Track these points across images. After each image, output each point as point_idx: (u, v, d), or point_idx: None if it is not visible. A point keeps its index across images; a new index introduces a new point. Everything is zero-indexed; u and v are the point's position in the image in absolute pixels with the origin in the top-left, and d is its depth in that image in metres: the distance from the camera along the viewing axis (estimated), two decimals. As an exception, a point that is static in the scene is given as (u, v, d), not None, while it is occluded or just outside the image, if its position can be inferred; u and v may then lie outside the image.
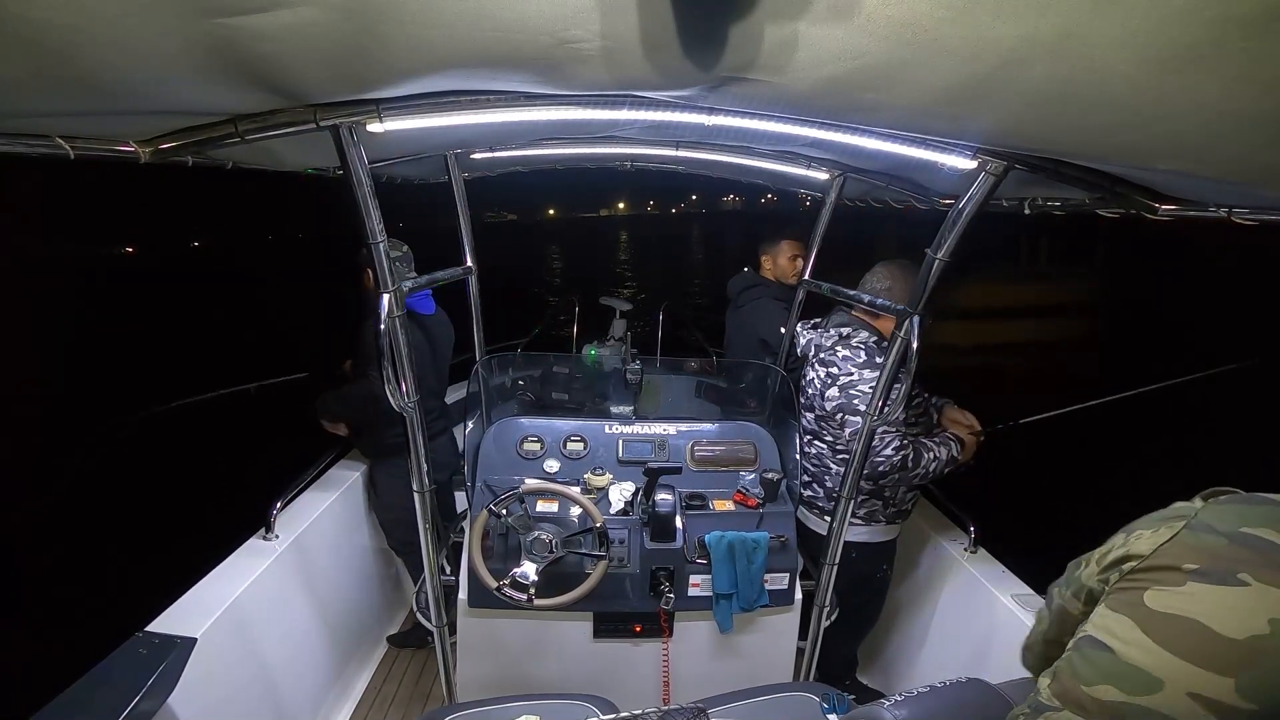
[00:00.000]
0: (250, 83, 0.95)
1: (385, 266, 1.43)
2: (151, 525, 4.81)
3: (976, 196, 1.37)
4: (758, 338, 2.74)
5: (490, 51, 0.86)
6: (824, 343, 2.12)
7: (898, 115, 1.10)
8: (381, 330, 1.42)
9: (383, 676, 2.57)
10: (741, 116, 1.24)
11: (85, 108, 0.97)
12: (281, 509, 2.25)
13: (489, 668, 1.98)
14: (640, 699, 1.37)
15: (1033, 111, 0.91)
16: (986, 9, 0.63)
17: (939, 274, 1.52)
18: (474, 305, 2.42)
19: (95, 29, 0.70)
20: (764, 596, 1.88)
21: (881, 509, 2.12)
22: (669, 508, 1.85)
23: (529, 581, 1.70)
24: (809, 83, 0.90)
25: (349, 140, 1.26)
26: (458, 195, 2.27)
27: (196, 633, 1.67)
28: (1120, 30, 0.63)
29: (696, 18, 0.74)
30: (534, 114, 1.22)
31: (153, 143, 1.23)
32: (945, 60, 0.76)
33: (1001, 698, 0.81)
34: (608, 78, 0.97)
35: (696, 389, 2.63)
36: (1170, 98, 0.74)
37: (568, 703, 1.41)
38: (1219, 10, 0.56)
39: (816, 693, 1.41)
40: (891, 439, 1.90)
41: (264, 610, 1.99)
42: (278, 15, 0.71)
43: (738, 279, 2.96)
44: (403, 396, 1.51)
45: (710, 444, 2.15)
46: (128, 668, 1.51)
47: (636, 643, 1.95)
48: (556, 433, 2.14)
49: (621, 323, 2.89)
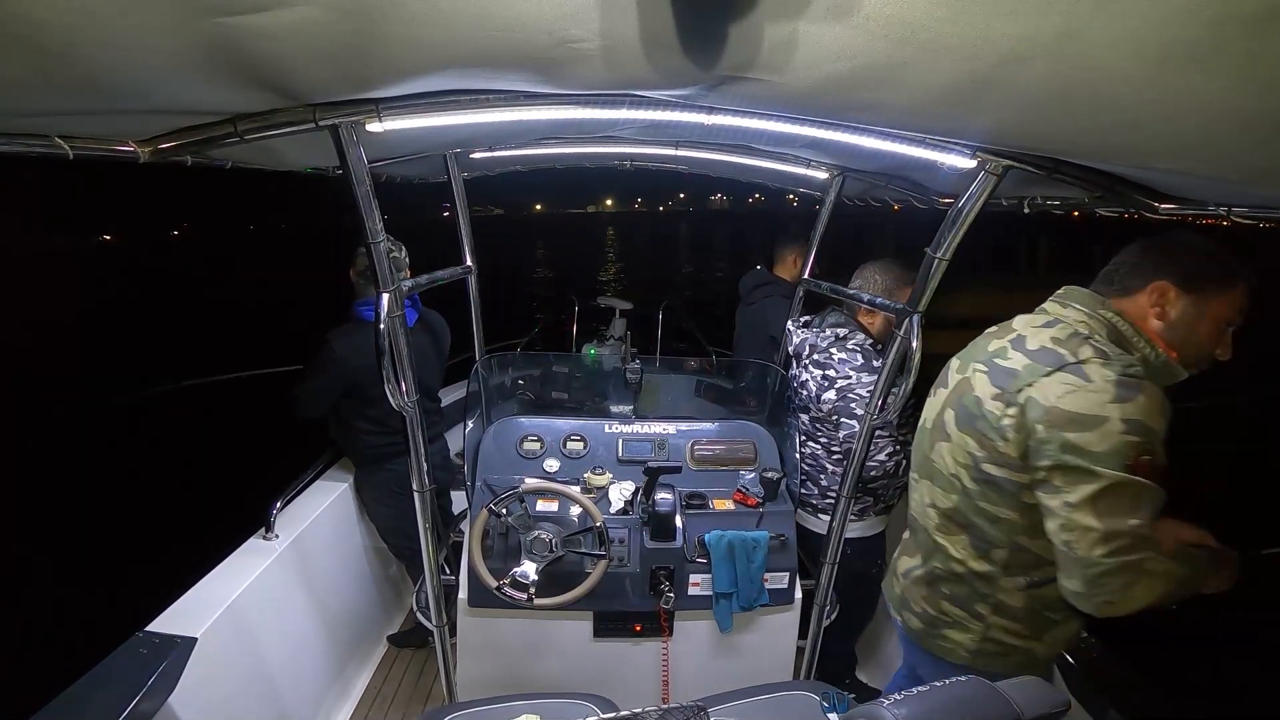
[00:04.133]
0: (250, 82, 0.95)
1: (385, 265, 1.43)
2: (151, 526, 4.81)
3: (976, 196, 1.37)
4: (768, 335, 2.74)
5: (490, 51, 0.86)
6: (819, 343, 2.11)
7: (897, 114, 1.10)
8: (381, 330, 1.42)
9: (383, 676, 2.57)
10: (741, 116, 1.24)
11: (84, 107, 0.97)
12: (281, 508, 2.25)
13: (489, 667, 1.98)
14: (640, 698, 1.37)
15: (1032, 111, 0.91)
16: (986, 8, 0.63)
17: (939, 274, 1.52)
18: (474, 305, 2.42)
19: (95, 28, 0.70)
20: (764, 595, 1.88)
21: (872, 504, 2.13)
22: (669, 507, 1.85)
23: (529, 581, 1.70)
24: (808, 82, 0.90)
25: (348, 140, 1.26)
26: (457, 195, 2.27)
27: (196, 632, 1.67)
28: (1120, 29, 0.62)
29: (696, 17, 0.74)
30: (533, 113, 1.22)
31: (152, 142, 1.22)
32: (945, 59, 0.75)
33: (1001, 696, 0.81)
34: (607, 77, 0.97)
35: (696, 388, 2.63)
36: (1170, 97, 0.74)
37: (568, 702, 1.41)
38: (1219, 10, 0.56)
39: (816, 691, 1.41)
40: (885, 444, 1.90)
41: (264, 610, 1.99)
42: (277, 14, 0.71)
43: (749, 277, 2.96)
44: (402, 396, 1.51)
45: (710, 443, 2.15)
46: (128, 667, 1.51)
47: (636, 642, 1.95)
48: (556, 432, 2.14)
49: (621, 322, 2.89)
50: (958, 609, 1.37)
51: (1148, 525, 1.05)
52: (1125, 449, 1.04)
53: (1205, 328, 1.19)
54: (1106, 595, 1.08)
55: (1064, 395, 1.11)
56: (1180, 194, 1.31)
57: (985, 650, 1.35)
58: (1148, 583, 1.06)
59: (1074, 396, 1.10)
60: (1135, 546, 1.05)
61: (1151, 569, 1.06)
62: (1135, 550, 1.05)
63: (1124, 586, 1.07)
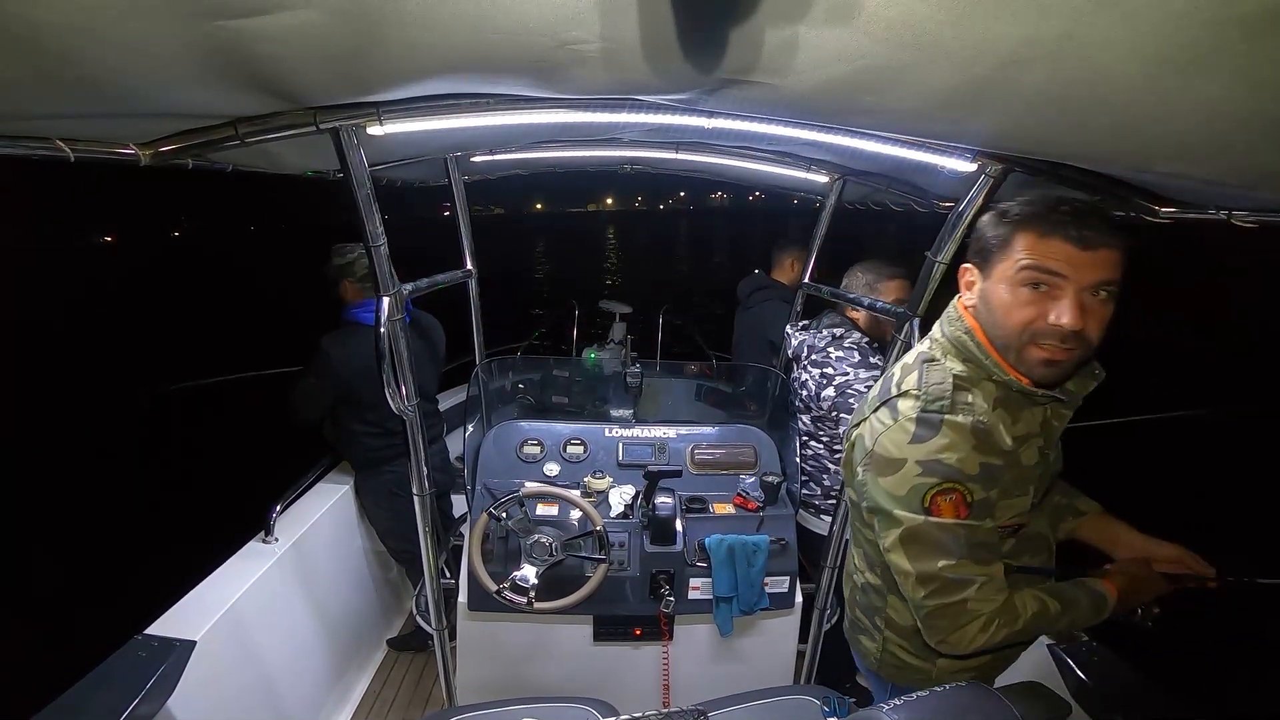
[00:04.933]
0: (250, 85, 0.95)
1: (385, 269, 1.43)
2: (150, 529, 4.80)
3: (976, 199, 1.37)
4: (765, 339, 2.75)
5: (490, 54, 0.86)
6: (817, 344, 2.13)
7: (897, 118, 1.10)
8: (381, 333, 1.42)
9: (382, 680, 2.56)
10: (741, 119, 1.25)
11: (85, 110, 0.97)
12: (281, 512, 2.25)
13: (489, 671, 1.97)
14: (640, 702, 1.37)
15: (1032, 114, 0.91)
16: (986, 11, 0.63)
17: (939, 277, 1.52)
18: (474, 308, 2.42)
19: (96, 31, 0.70)
20: (764, 600, 1.87)
21: None
22: (669, 511, 1.84)
23: (529, 585, 1.69)
24: (809, 85, 0.90)
25: (349, 143, 1.26)
26: (458, 198, 2.27)
27: (196, 636, 1.66)
28: (1120, 33, 0.63)
29: (696, 20, 0.74)
30: (534, 117, 1.22)
31: (152, 145, 1.23)
32: (945, 63, 0.75)
33: (1001, 701, 0.81)
34: (608, 80, 0.97)
35: (696, 392, 2.63)
36: (1170, 100, 0.74)
37: (567, 706, 1.41)
38: (1219, 11, 0.56)
39: (817, 696, 1.40)
40: None
41: (263, 613, 1.98)
42: (278, 18, 0.71)
43: (748, 281, 2.97)
44: (402, 400, 1.51)
45: (710, 447, 2.15)
46: (127, 670, 1.51)
47: (636, 646, 1.94)
48: (556, 436, 2.14)
49: (621, 326, 2.89)
50: (864, 617, 1.33)
51: (963, 566, 0.98)
52: (921, 491, 0.98)
53: (998, 295, 1.01)
54: (941, 635, 1.04)
55: (879, 435, 1.05)
56: (1180, 197, 1.31)
57: (886, 662, 1.29)
58: (982, 622, 0.99)
59: (884, 437, 1.04)
60: (949, 589, 0.99)
61: (979, 609, 0.99)
62: (950, 592, 0.99)
63: (953, 628, 1.01)
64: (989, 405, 1.01)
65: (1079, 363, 0.99)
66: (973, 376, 1.04)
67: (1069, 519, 1.31)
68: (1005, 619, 0.99)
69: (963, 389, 1.02)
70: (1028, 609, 1.01)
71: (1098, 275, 0.93)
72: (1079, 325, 0.93)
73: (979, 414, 0.99)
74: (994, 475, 0.98)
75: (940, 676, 1.22)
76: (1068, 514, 1.31)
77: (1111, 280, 0.94)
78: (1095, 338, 0.96)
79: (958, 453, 0.97)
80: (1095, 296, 0.95)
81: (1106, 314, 0.96)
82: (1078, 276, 0.93)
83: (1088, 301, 0.94)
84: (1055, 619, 1.03)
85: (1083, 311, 0.94)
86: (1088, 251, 0.93)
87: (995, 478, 0.99)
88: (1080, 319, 0.93)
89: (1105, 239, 0.93)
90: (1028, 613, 1.01)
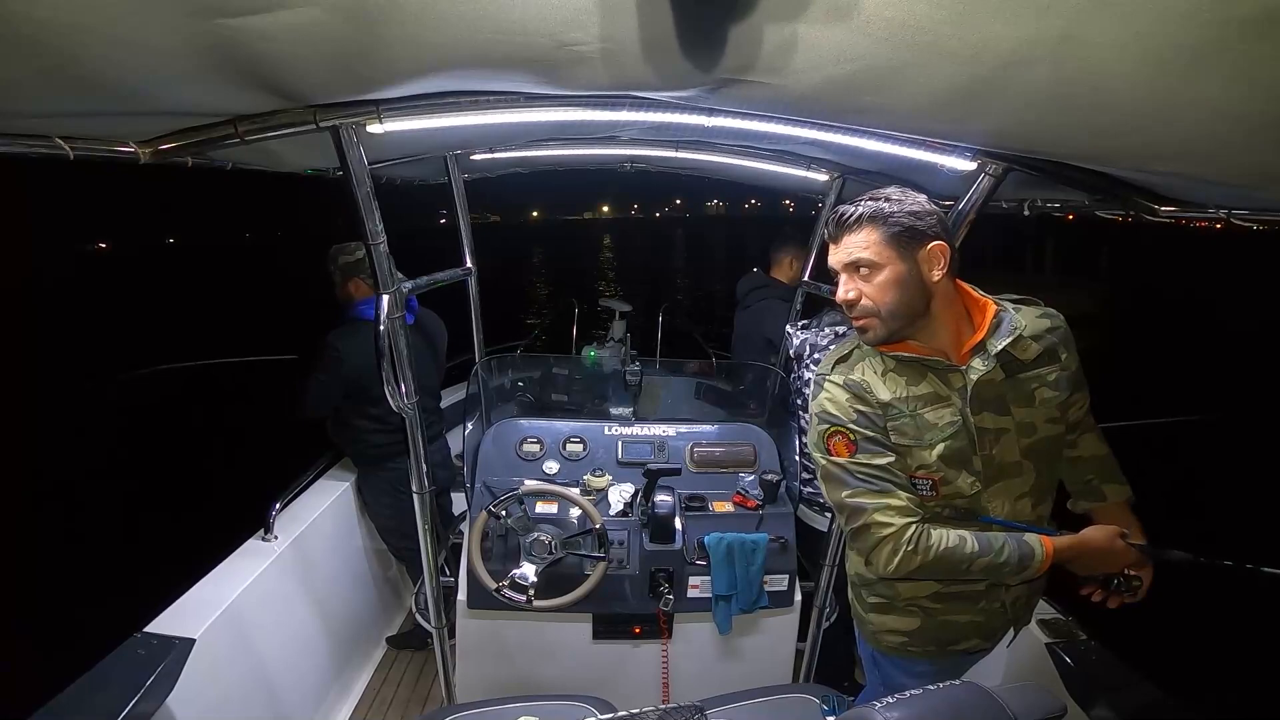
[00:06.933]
0: (250, 83, 0.95)
1: (385, 266, 1.43)
2: (150, 526, 4.81)
3: (976, 198, 1.37)
4: (763, 338, 2.74)
5: (490, 53, 0.86)
6: (819, 342, 2.12)
7: (897, 117, 1.10)
8: (382, 331, 1.42)
9: (381, 678, 2.57)
10: (741, 118, 1.25)
11: (85, 108, 0.97)
12: (281, 510, 2.25)
13: (488, 669, 1.97)
14: (639, 700, 1.37)
15: (1033, 113, 0.91)
16: (986, 11, 0.63)
17: None
18: (474, 307, 2.42)
19: (96, 29, 0.70)
20: (763, 598, 1.87)
21: None
22: (668, 509, 1.85)
23: (528, 583, 1.70)
24: (808, 84, 0.90)
25: (349, 141, 1.26)
26: (457, 197, 2.27)
27: (195, 633, 1.66)
28: (1120, 32, 0.63)
29: (696, 19, 0.74)
30: (534, 115, 1.22)
31: (152, 143, 1.23)
32: (945, 62, 0.75)
33: (996, 701, 0.81)
34: (607, 79, 0.97)
35: (696, 390, 2.63)
36: (1170, 99, 0.74)
37: (567, 704, 1.41)
38: (1219, 12, 0.56)
39: (815, 694, 1.41)
40: None
41: (263, 611, 1.98)
42: (278, 16, 0.71)
43: (746, 280, 2.96)
44: (402, 398, 1.51)
45: (709, 445, 2.15)
46: (126, 668, 1.51)
47: (636, 644, 1.95)
48: (556, 434, 2.14)
49: (621, 324, 2.89)
50: (851, 591, 1.48)
51: (859, 494, 1.16)
52: (820, 438, 1.22)
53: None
54: (863, 558, 1.22)
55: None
56: (1180, 196, 1.31)
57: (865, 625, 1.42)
58: (891, 545, 1.13)
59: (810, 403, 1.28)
60: (854, 515, 1.17)
61: (880, 532, 1.14)
62: (855, 518, 1.17)
63: (867, 548, 1.17)
64: (878, 371, 1.22)
65: (886, 326, 1.17)
66: (866, 350, 1.26)
67: (1088, 499, 1.36)
68: (916, 545, 1.13)
69: (845, 360, 1.26)
70: (944, 542, 1.13)
71: (848, 257, 1.17)
72: (845, 298, 1.19)
73: (853, 375, 1.22)
74: (872, 421, 1.18)
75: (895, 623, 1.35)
76: (1090, 494, 1.36)
77: (858, 260, 1.15)
78: (877, 304, 1.16)
79: (835, 404, 1.21)
80: (858, 273, 1.17)
81: (876, 283, 1.16)
82: (838, 261, 1.20)
83: (853, 279, 1.18)
84: (972, 557, 1.13)
85: (850, 286, 1.18)
86: (837, 243, 1.19)
87: (873, 422, 1.18)
88: (844, 293, 1.19)
89: (845, 231, 1.17)
90: (941, 545, 1.13)
